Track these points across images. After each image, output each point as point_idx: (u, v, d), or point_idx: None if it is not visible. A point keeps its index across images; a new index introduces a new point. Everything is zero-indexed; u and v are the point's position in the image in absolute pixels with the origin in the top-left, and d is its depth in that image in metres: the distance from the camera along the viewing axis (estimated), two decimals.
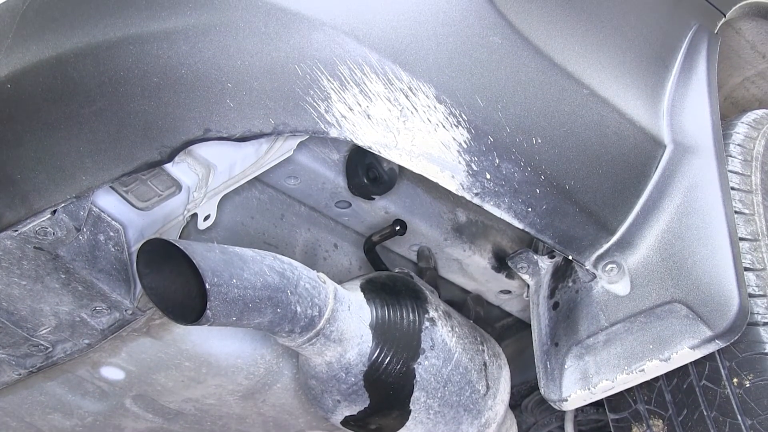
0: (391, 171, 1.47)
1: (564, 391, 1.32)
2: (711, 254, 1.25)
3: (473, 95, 1.13)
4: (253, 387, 1.52)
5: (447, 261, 1.68)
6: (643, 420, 1.41)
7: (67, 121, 1.09)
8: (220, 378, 1.48)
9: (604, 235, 1.30)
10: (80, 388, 1.53)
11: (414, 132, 1.11)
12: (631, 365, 1.26)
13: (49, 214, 1.12)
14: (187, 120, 1.07)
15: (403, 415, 1.36)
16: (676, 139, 1.36)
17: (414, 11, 1.11)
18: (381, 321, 1.31)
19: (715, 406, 1.28)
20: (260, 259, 1.14)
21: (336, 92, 1.07)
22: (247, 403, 1.57)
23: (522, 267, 1.54)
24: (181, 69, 1.05)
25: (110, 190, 1.22)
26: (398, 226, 1.51)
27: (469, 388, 1.40)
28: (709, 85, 1.45)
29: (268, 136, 1.09)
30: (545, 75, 1.21)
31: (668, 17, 1.51)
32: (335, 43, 1.06)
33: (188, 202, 1.29)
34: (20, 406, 1.53)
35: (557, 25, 1.26)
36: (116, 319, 1.31)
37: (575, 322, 1.35)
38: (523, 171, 1.18)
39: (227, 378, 1.48)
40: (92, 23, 1.08)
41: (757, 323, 1.26)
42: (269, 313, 1.13)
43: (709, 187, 1.31)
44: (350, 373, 1.29)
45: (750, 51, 1.99)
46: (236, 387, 1.51)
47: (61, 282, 1.22)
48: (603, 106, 1.27)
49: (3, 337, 1.28)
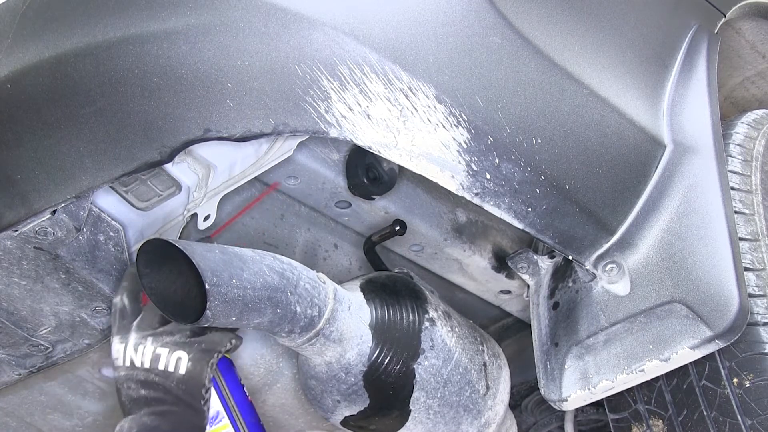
0: (391, 171, 1.47)
1: (564, 391, 1.32)
2: (711, 254, 1.25)
3: (473, 95, 1.13)
4: (252, 387, 1.52)
5: (447, 261, 1.68)
6: (643, 420, 1.41)
7: (67, 121, 1.09)
8: None
9: (604, 235, 1.30)
10: (80, 388, 1.53)
11: (414, 132, 1.11)
12: (631, 365, 1.26)
13: (49, 214, 1.12)
14: (187, 120, 1.07)
15: (402, 415, 1.36)
16: (676, 139, 1.36)
17: (414, 11, 1.11)
18: (381, 321, 1.31)
19: (715, 406, 1.28)
20: (260, 260, 1.14)
21: (336, 92, 1.07)
22: None
23: (522, 267, 1.54)
24: (181, 69, 1.05)
25: (110, 190, 1.22)
26: (398, 226, 1.51)
27: (469, 388, 1.40)
28: (709, 85, 1.45)
29: (268, 136, 1.09)
30: (545, 75, 1.21)
31: (668, 17, 1.51)
32: (335, 43, 1.06)
33: (188, 202, 1.29)
34: (20, 406, 1.53)
35: (557, 25, 1.26)
36: None
37: (575, 322, 1.35)
38: (523, 171, 1.18)
39: None
40: (92, 23, 1.07)
41: (757, 323, 1.26)
42: (269, 313, 1.13)
43: (709, 187, 1.31)
44: (350, 373, 1.29)
45: (750, 51, 1.99)
46: None
47: (61, 282, 1.22)
48: (603, 106, 1.27)
49: (3, 337, 1.28)
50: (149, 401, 1.15)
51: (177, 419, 1.14)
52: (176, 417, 1.14)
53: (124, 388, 1.16)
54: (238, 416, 1.33)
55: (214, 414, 1.31)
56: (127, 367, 1.16)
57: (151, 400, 1.15)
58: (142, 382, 1.15)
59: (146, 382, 1.15)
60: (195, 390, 1.17)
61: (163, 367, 1.15)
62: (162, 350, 1.16)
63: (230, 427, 1.32)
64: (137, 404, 1.15)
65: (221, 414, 1.31)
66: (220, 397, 1.32)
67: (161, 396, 1.15)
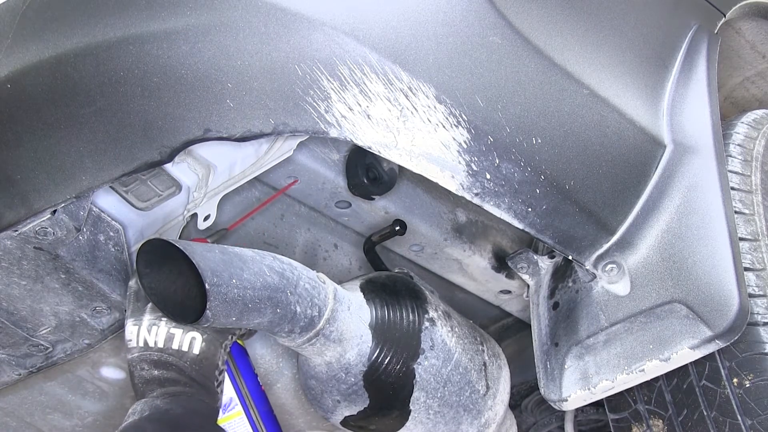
0: (391, 171, 1.47)
1: (564, 391, 1.32)
2: (711, 254, 1.25)
3: (473, 95, 1.13)
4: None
5: (447, 261, 1.68)
6: (643, 420, 1.41)
7: (67, 121, 1.09)
8: None
9: (604, 235, 1.30)
10: (80, 388, 1.53)
11: (414, 132, 1.11)
12: (631, 365, 1.26)
13: (49, 214, 1.12)
14: (187, 120, 1.07)
15: (402, 415, 1.36)
16: (676, 139, 1.36)
17: (414, 11, 1.11)
18: (381, 321, 1.31)
19: (715, 406, 1.28)
20: (260, 260, 1.14)
21: (336, 92, 1.07)
22: None
23: (522, 267, 1.54)
24: (181, 69, 1.05)
25: (110, 190, 1.22)
26: (398, 226, 1.51)
27: (469, 388, 1.40)
28: (709, 85, 1.45)
29: (268, 136, 1.09)
30: (545, 75, 1.21)
31: (668, 17, 1.51)
32: (335, 43, 1.06)
33: (188, 202, 1.29)
34: (20, 406, 1.53)
35: (557, 25, 1.26)
36: (116, 319, 1.31)
37: (575, 322, 1.35)
38: (523, 171, 1.18)
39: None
40: (92, 23, 1.07)
41: (757, 323, 1.26)
42: (269, 314, 1.13)
43: (709, 187, 1.31)
44: (350, 373, 1.29)
45: (750, 51, 1.99)
46: None
47: (61, 282, 1.22)
48: (603, 106, 1.27)
49: (3, 337, 1.28)
50: (162, 382, 1.14)
51: (190, 401, 1.14)
52: (189, 398, 1.14)
53: (137, 369, 1.15)
54: (251, 404, 1.32)
55: (227, 401, 1.31)
56: (141, 347, 1.15)
57: (164, 381, 1.14)
58: (155, 362, 1.14)
59: (160, 362, 1.14)
60: (208, 371, 1.16)
61: (177, 346, 1.15)
62: (176, 330, 1.15)
63: (243, 415, 1.31)
64: (150, 385, 1.14)
65: (234, 401, 1.31)
66: (234, 383, 1.32)
67: (175, 376, 1.14)
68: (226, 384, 1.26)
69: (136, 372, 1.16)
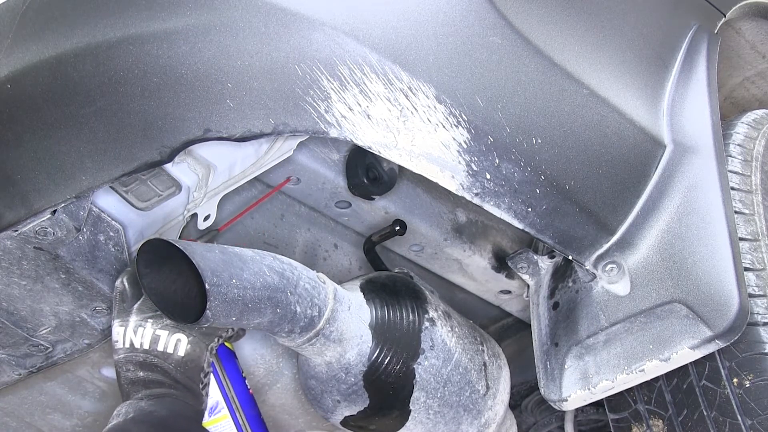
0: (391, 171, 1.47)
1: (564, 391, 1.32)
2: (711, 254, 1.25)
3: (473, 95, 1.13)
4: (252, 387, 1.52)
5: (447, 261, 1.68)
6: (643, 420, 1.41)
7: (67, 121, 1.09)
8: None
9: (604, 235, 1.30)
10: (80, 388, 1.53)
11: (414, 132, 1.11)
12: (631, 365, 1.26)
13: (49, 214, 1.12)
14: (187, 120, 1.07)
15: (402, 415, 1.36)
16: (676, 139, 1.36)
17: (414, 11, 1.11)
18: (381, 321, 1.31)
19: (715, 406, 1.28)
20: (260, 260, 1.14)
21: (336, 92, 1.07)
22: None
23: (522, 267, 1.54)
24: (181, 69, 1.05)
25: (110, 190, 1.22)
26: (398, 226, 1.51)
27: (469, 388, 1.40)
28: (709, 85, 1.45)
29: (268, 136, 1.09)
30: (545, 75, 1.21)
31: (668, 17, 1.51)
32: (335, 43, 1.06)
33: (188, 202, 1.29)
34: (20, 406, 1.53)
35: (557, 25, 1.26)
36: None
37: (575, 322, 1.35)
38: (523, 171, 1.18)
39: None
40: (92, 23, 1.07)
41: (757, 323, 1.26)
42: (269, 314, 1.13)
43: (709, 187, 1.31)
44: (350, 373, 1.29)
45: (750, 51, 1.99)
46: None
47: (61, 282, 1.22)
48: (603, 106, 1.27)
49: (3, 337, 1.28)
50: (147, 383, 1.14)
51: (174, 403, 1.14)
52: (173, 400, 1.14)
53: (123, 370, 1.16)
54: (237, 407, 1.32)
55: (213, 404, 1.30)
56: (127, 348, 1.16)
57: (149, 382, 1.14)
58: (141, 363, 1.15)
59: (145, 364, 1.15)
60: (193, 373, 1.16)
61: (162, 348, 1.15)
62: (162, 332, 1.15)
63: (229, 418, 1.31)
64: (135, 386, 1.15)
65: (220, 404, 1.31)
66: (220, 386, 1.31)
67: (159, 378, 1.14)
68: (212, 387, 1.26)
69: (122, 373, 1.16)
